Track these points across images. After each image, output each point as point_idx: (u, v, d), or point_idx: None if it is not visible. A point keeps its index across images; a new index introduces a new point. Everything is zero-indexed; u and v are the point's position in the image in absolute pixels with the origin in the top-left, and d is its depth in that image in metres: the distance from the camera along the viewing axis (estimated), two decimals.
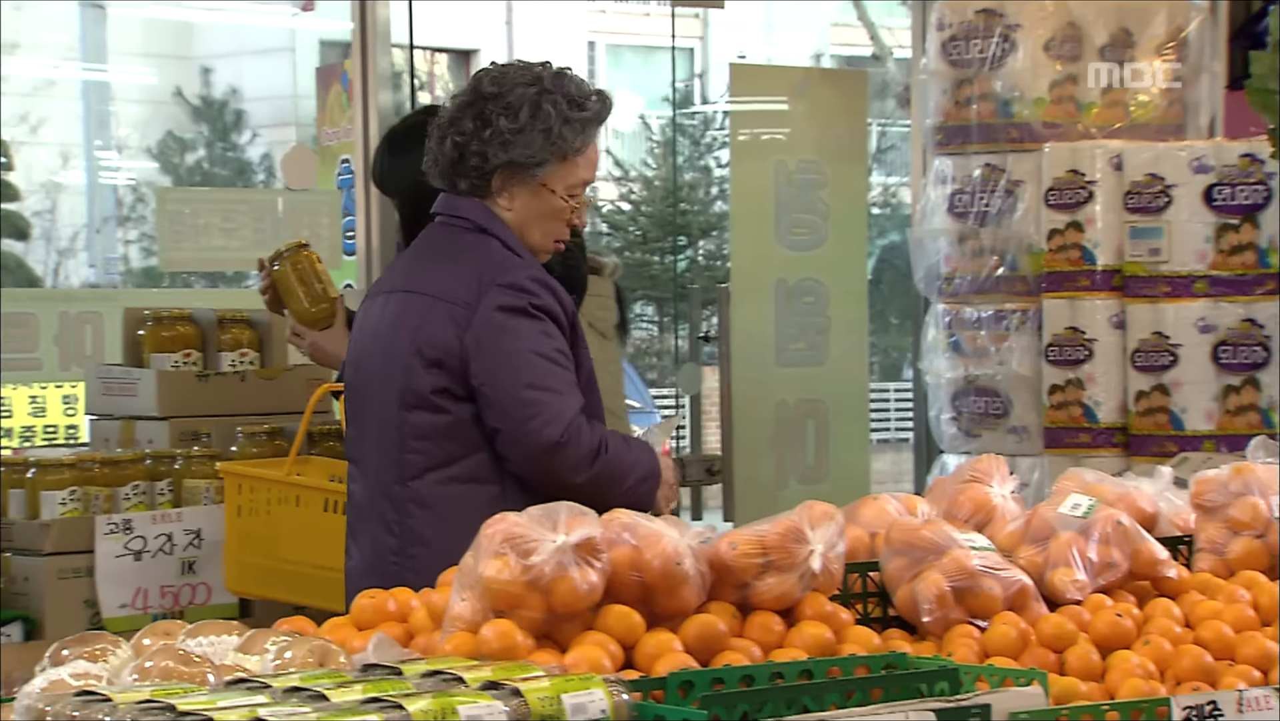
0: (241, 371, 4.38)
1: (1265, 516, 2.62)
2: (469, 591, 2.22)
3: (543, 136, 3.08)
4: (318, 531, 3.75)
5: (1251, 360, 4.75)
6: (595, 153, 3.15)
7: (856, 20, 17.93)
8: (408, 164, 4.03)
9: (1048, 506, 2.54)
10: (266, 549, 3.86)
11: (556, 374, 3.03)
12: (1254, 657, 2.33)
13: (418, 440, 3.09)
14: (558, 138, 3.08)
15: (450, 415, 3.07)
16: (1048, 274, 4.90)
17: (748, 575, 2.29)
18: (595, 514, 2.27)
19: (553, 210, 3.13)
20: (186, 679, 2.00)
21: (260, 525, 3.86)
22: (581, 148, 3.11)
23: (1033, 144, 4.99)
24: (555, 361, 3.04)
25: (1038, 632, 2.34)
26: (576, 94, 3.11)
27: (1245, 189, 4.74)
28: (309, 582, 3.77)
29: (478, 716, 1.82)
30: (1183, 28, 5.13)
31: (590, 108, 3.11)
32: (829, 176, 5.82)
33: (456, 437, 3.07)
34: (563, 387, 3.03)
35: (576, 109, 3.10)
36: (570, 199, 3.13)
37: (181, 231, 4.91)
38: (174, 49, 18.86)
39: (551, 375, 3.03)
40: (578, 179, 3.13)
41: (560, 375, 3.04)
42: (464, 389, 3.07)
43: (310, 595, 3.71)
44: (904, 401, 15.09)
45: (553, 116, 3.07)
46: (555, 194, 3.12)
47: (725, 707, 1.95)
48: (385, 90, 5.11)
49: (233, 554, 3.91)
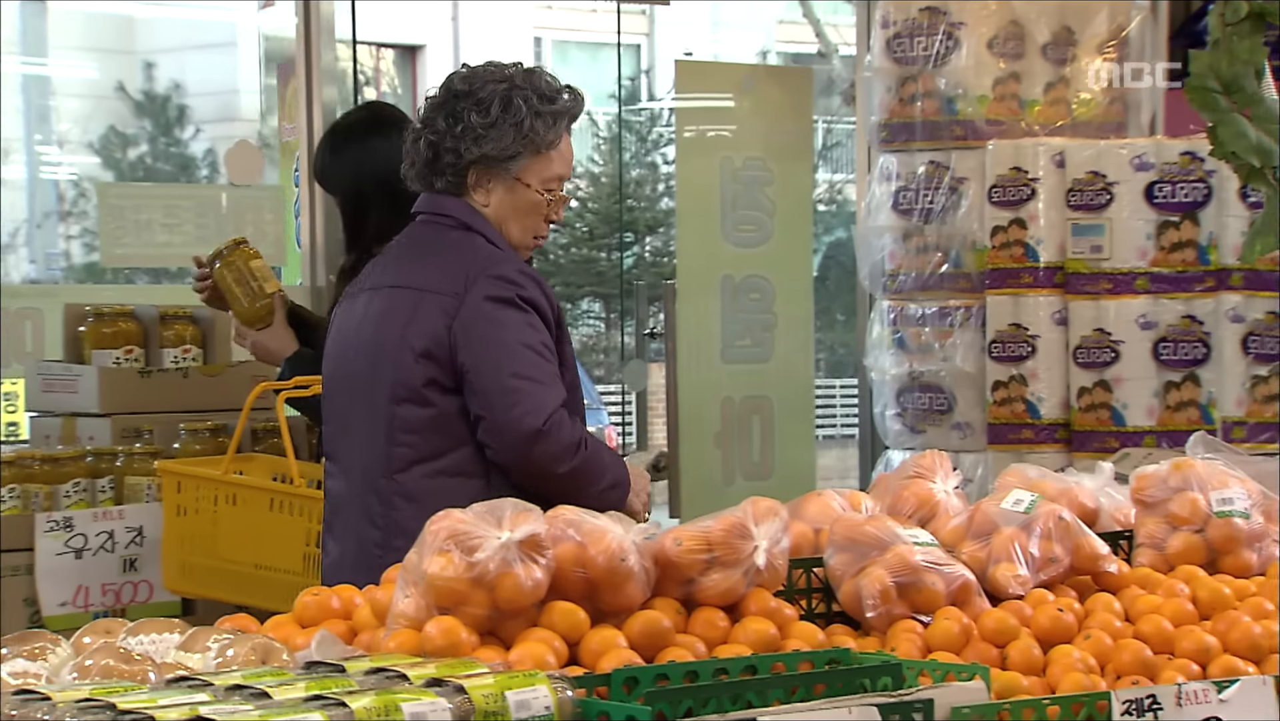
0: (184, 368, 4.35)
1: (1204, 511, 2.64)
2: (413, 588, 2.21)
3: (514, 130, 3.13)
4: (261, 531, 3.73)
5: (1192, 356, 4.80)
6: (569, 148, 3.20)
7: (802, 18, 17.98)
8: (349, 160, 4.02)
9: (990, 502, 2.55)
10: (207, 548, 3.83)
11: (540, 365, 3.07)
12: (1192, 651, 2.36)
13: (406, 434, 3.12)
14: (529, 131, 3.13)
15: (437, 408, 3.11)
16: (991, 270, 4.93)
17: (693, 571, 2.30)
18: (540, 510, 2.27)
19: (529, 204, 3.17)
20: (127, 677, 1.99)
21: (200, 524, 3.83)
22: (554, 141, 3.16)
23: (976, 141, 5.02)
24: (539, 353, 3.08)
25: (980, 627, 2.36)
26: (547, 89, 3.16)
27: (1185, 186, 4.79)
28: (251, 582, 3.75)
29: (421, 713, 1.81)
30: (1124, 26, 5.17)
31: (561, 102, 3.17)
32: (775, 173, 5.83)
33: (444, 431, 3.10)
34: (546, 379, 3.07)
35: (547, 103, 3.15)
36: (547, 193, 3.18)
37: (124, 227, 4.87)
38: (116, 43, 18.70)
39: (535, 366, 3.06)
40: (552, 173, 3.18)
41: (544, 366, 3.08)
42: (452, 380, 3.10)
43: (253, 595, 3.69)
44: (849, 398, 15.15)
45: (523, 110, 3.12)
46: (530, 188, 3.17)
47: (669, 704, 1.95)
48: (330, 86, 5.09)
49: (172, 553, 3.88)
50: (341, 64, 5.21)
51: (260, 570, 3.69)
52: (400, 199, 3.94)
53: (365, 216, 3.95)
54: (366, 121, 4.08)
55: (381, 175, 3.95)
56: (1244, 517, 2.64)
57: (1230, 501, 2.65)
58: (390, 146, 3.99)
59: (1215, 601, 2.48)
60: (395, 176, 3.98)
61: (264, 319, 3.95)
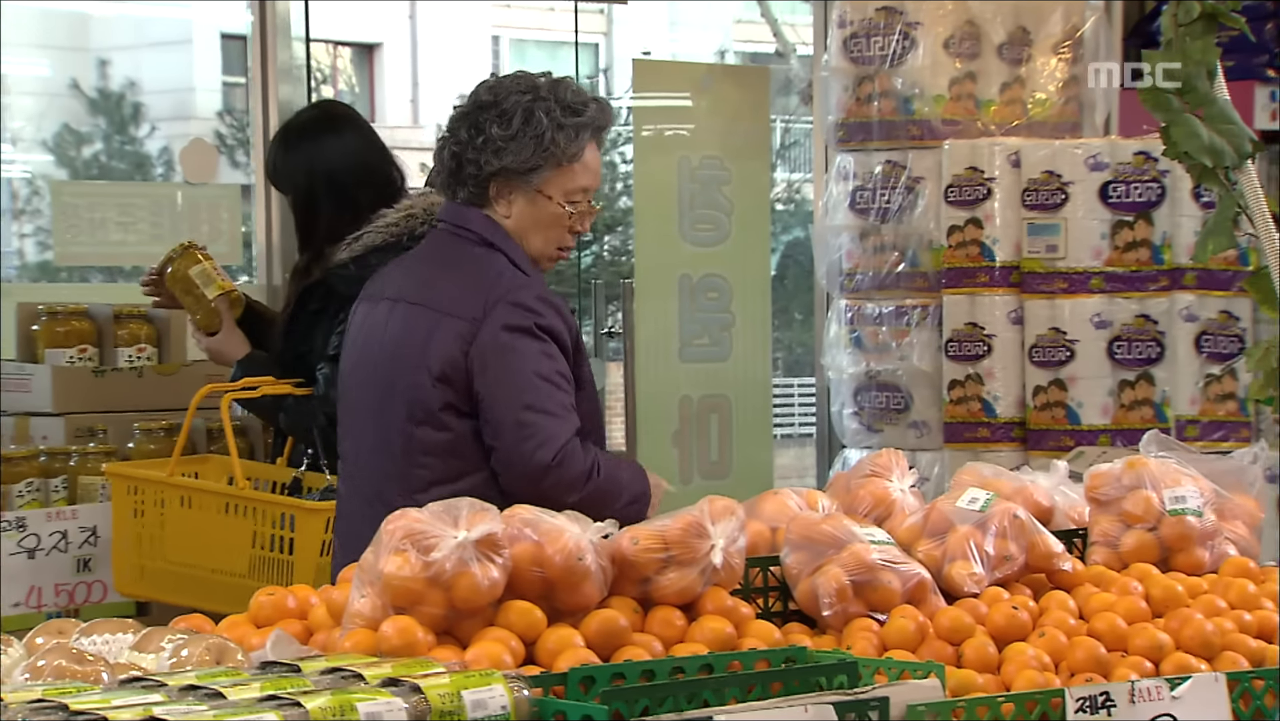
0: (138, 367, 4.33)
1: (1157, 510, 2.66)
2: (369, 588, 2.20)
3: (534, 143, 3.08)
4: (212, 534, 3.70)
5: (1146, 355, 4.83)
6: (596, 160, 3.14)
7: (760, 17, 18.01)
8: (301, 159, 4.00)
9: (946, 500, 2.56)
10: (158, 551, 3.80)
11: (555, 396, 3.06)
12: (1146, 649, 2.37)
13: (425, 455, 3.11)
14: (550, 144, 3.08)
15: (454, 432, 3.10)
16: (947, 270, 4.95)
17: (649, 570, 2.30)
18: (497, 510, 2.26)
19: (551, 217, 3.13)
20: (80, 678, 1.97)
21: (151, 527, 3.80)
22: (576, 154, 3.10)
23: (933, 141, 5.04)
24: (555, 384, 3.07)
25: (935, 625, 2.37)
26: (572, 100, 3.11)
27: (1140, 186, 4.82)
28: (203, 586, 3.72)
29: (377, 713, 1.81)
30: (1079, 27, 5.20)
31: (586, 114, 3.11)
32: (732, 172, 5.84)
33: (461, 454, 3.10)
34: (559, 411, 3.06)
35: (571, 115, 3.10)
36: (569, 205, 3.13)
37: (78, 225, 4.84)
38: (70, 40, 18.57)
39: (550, 398, 3.05)
40: (576, 185, 3.13)
41: (558, 398, 3.06)
42: (468, 404, 3.10)
43: (206, 599, 3.66)
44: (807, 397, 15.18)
45: (544, 123, 3.07)
46: (553, 200, 3.12)
47: (626, 703, 1.95)
48: (286, 84, 5.07)
49: (123, 556, 3.86)
50: (299, 62, 5.19)
51: (214, 574, 3.66)
52: (351, 198, 3.93)
53: (317, 215, 3.93)
54: (318, 120, 4.06)
55: (333, 174, 3.93)
56: (1197, 516, 2.66)
57: (1183, 500, 2.66)
58: (342, 145, 3.98)
59: (1168, 599, 2.50)
60: (347, 175, 3.96)
61: (214, 323, 3.94)
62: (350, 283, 3.78)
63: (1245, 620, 2.46)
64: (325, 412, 3.78)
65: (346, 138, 3.97)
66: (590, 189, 3.14)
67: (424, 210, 3.87)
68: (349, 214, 3.88)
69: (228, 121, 16.87)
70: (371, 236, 3.82)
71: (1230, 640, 2.41)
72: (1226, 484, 2.75)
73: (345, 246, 3.83)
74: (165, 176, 17.17)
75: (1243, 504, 2.75)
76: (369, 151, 3.97)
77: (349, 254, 3.83)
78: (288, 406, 3.84)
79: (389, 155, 4.02)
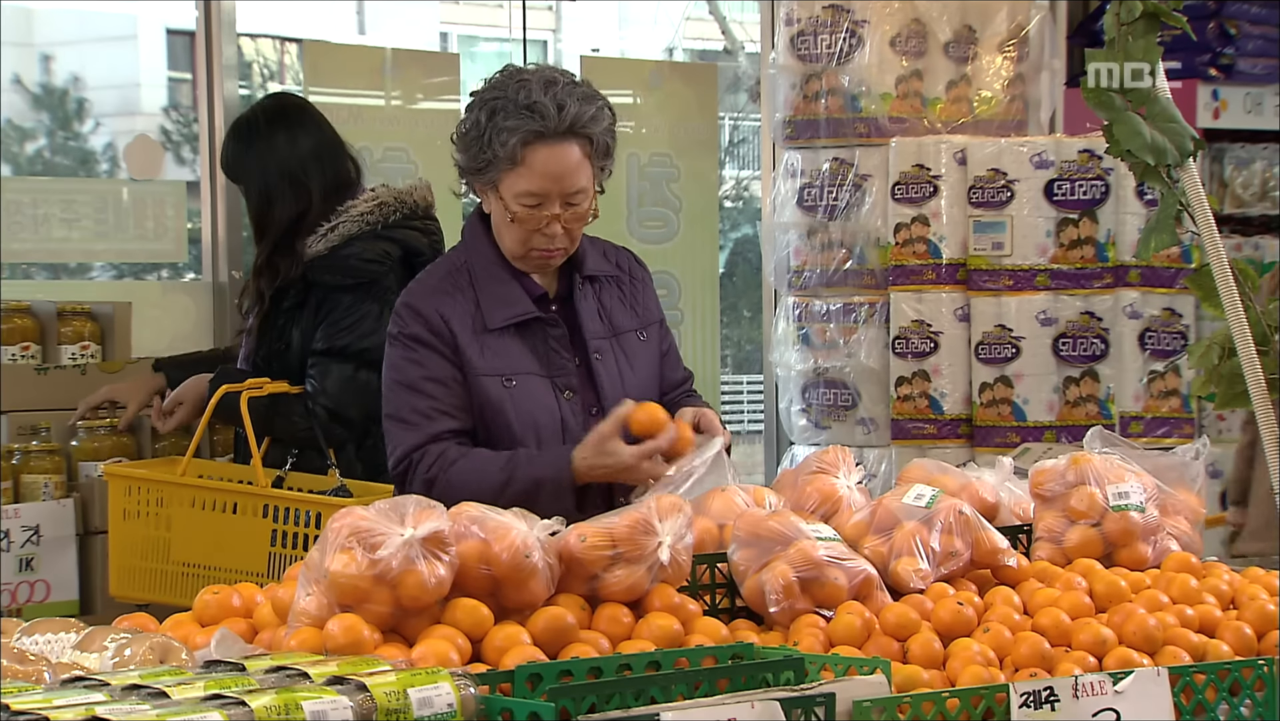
0: (82, 365, 4.30)
1: (1101, 505, 2.68)
2: (315, 586, 2.19)
3: (476, 143, 3.04)
4: (228, 534, 3.67)
5: (1090, 352, 4.86)
6: (550, 164, 3.00)
7: (708, 15, 18.03)
8: (255, 153, 3.98)
9: (892, 497, 2.57)
10: (162, 552, 3.77)
11: (410, 402, 3.05)
12: (1089, 644, 2.39)
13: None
14: (488, 145, 3.02)
15: None
16: (894, 267, 4.97)
17: (597, 567, 2.30)
18: (444, 507, 2.26)
19: (507, 217, 3.06)
20: (21, 677, 1.96)
21: (150, 528, 3.77)
22: (513, 157, 3.00)
23: (879, 138, 5.06)
24: (417, 390, 3.05)
25: (881, 621, 2.38)
26: (523, 101, 3.01)
27: (1084, 184, 4.85)
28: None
29: (322, 712, 1.80)
30: (1024, 25, 5.23)
31: (520, 118, 3.00)
32: (681, 170, 5.84)
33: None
34: (413, 418, 3.05)
35: (513, 117, 3.00)
36: (521, 208, 3.03)
37: (21, 222, 4.80)
38: (13, 35, 18.40)
39: (405, 405, 3.05)
40: (522, 189, 3.02)
41: (415, 404, 3.04)
42: None
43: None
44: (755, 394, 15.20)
45: (483, 123, 3.02)
46: (503, 201, 3.05)
47: (573, 700, 1.95)
48: (231, 80, 5.03)
49: (119, 558, 3.82)
50: (247, 58, 5.16)
51: (228, 574, 3.62)
52: (307, 190, 3.92)
53: (272, 207, 3.92)
54: (273, 113, 4.04)
55: (288, 167, 3.92)
56: (1140, 511, 2.68)
57: (1126, 495, 2.68)
58: (294, 138, 3.96)
59: (1111, 594, 2.52)
60: (300, 168, 3.95)
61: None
62: (328, 273, 3.79)
63: (1187, 615, 2.48)
64: (324, 407, 3.77)
65: (297, 131, 3.96)
66: (540, 194, 3.01)
67: (395, 199, 3.88)
68: (305, 206, 3.88)
69: (173, 117, 16.77)
70: (346, 226, 3.83)
71: (1172, 635, 2.43)
72: (1169, 480, 2.77)
73: (320, 238, 3.84)
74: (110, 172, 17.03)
75: (1185, 499, 2.77)
76: (324, 144, 3.96)
77: (325, 245, 3.83)
78: (282, 406, 3.81)
79: (344, 147, 4.01)
